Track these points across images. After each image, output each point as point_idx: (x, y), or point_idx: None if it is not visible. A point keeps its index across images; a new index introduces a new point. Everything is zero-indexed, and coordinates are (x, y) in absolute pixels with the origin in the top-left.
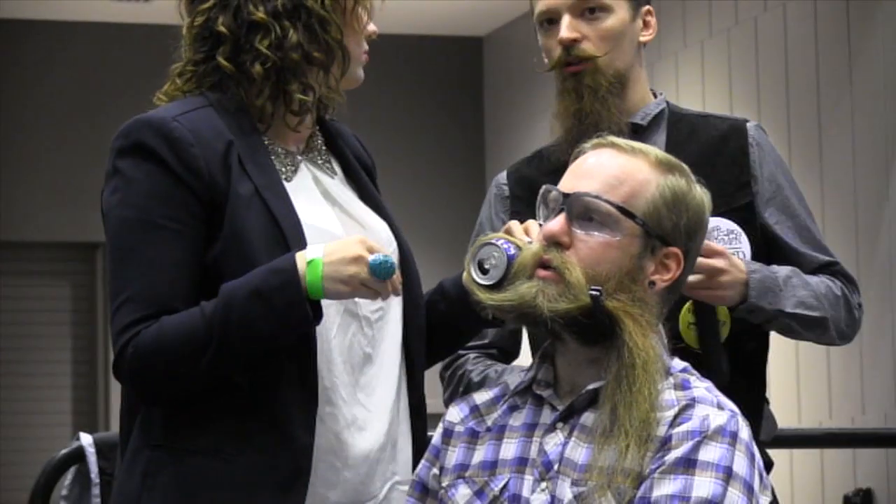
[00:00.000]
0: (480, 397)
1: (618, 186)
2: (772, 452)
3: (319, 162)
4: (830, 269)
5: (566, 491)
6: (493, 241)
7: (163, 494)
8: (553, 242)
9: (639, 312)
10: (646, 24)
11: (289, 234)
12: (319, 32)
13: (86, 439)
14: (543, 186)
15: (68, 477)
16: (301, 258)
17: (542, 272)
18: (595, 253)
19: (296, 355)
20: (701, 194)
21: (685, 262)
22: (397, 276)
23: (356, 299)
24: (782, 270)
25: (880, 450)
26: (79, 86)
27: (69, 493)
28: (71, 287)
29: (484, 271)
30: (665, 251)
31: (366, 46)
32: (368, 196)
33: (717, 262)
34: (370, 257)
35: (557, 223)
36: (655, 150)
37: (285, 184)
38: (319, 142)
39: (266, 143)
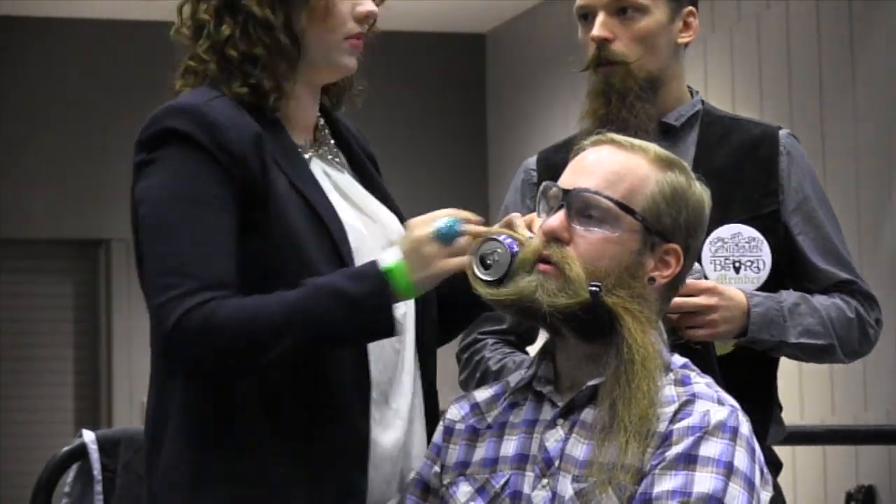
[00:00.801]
0: (481, 395)
1: (617, 183)
2: (774, 449)
3: (329, 157)
4: (849, 287)
5: (567, 487)
6: (495, 236)
7: (207, 488)
8: (553, 238)
9: (638, 309)
10: (686, 26)
11: (332, 229)
12: (252, 30)
13: (88, 436)
14: (543, 183)
15: (70, 474)
16: (382, 266)
17: (542, 266)
18: (595, 249)
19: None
20: (700, 191)
21: (685, 259)
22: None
23: None
24: (790, 298)
25: (883, 447)
26: (83, 83)
27: (71, 490)
28: (73, 284)
29: (486, 266)
30: (665, 247)
31: (354, 29)
32: (376, 188)
33: (705, 300)
34: (433, 227)
35: (557, 219)
36: (655, 147)
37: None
38: (327, 134)
39: (290, 135)
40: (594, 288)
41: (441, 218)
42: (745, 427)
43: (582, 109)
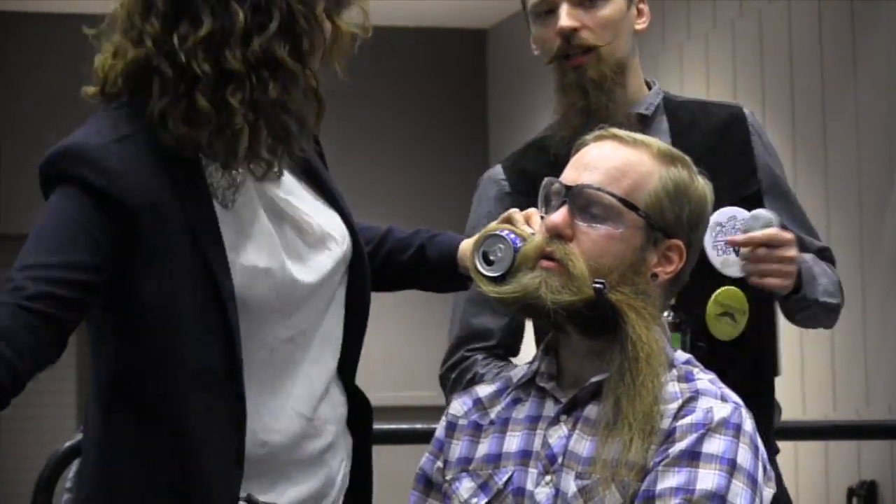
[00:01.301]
0: (483, 390)
1: (620, 179)
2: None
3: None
4: (825, 254)
5: (570, 484)
6: (498, 232)
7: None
8: (556, 235)
9: (642, 305)
10: (640, 12)
11: (220, 278)
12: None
13: None
14: (545, 179)
15: (72, 470)
16: None
17: (545, 263)
18: (598, 245)
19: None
20: (703, 186)
21: (687, 254)
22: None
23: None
24: (807, 257)
25: (885, 442)
26: (79, 79)
27: (73, 485)
28: None
29: (489, 263)
30: (667, 243)
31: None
32: (322, 190)
33: (791, 252)
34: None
35: (560, 216)
36: (657, 142)
37: (223, 213)
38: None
39: (203, 161)
40: (598, 285)
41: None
42: (748, 424)
43: (555, 105)
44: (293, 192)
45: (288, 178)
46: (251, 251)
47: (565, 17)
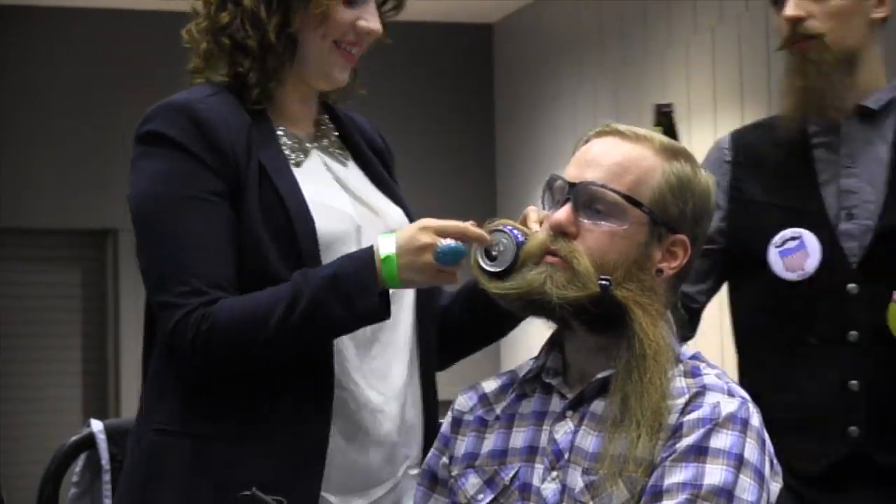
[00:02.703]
0: (489, 385)
1: (623, 175)
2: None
3: (331, 150)
4: None
5: (577, 480)
6: (500, 227)
7: (170, 480)
8: (559, 232)
9: (648, 301)
10: (880, 1)
11: (293, 212)
12: (247, 23)
13: (96, 426)
14: (550, 175)
15: (79, 464)
16: (376, 251)
17: (549, 258)
18: (602, 242)
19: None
20: (706, 179)
21: (692, 249)
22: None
23: None
24: None
25: None
26: (89, 72)
27: (80, 479)
28: (81, 273)
29: (491, 258)
30: (672, 238)
31: (349, 39)
32: (382, 183)
33: None
34: (438, 245)
35: (564, 213)
36: (660, 137)
37: (293, 168)
38: (330, 128)
39: (275, 127)
40: (604, 282)
41: (449, 240)
42: (755, 419)
43: (781, 88)
44: (357, 178)
45: (351, 169)
46: (322, 194)
47: (791, 6)
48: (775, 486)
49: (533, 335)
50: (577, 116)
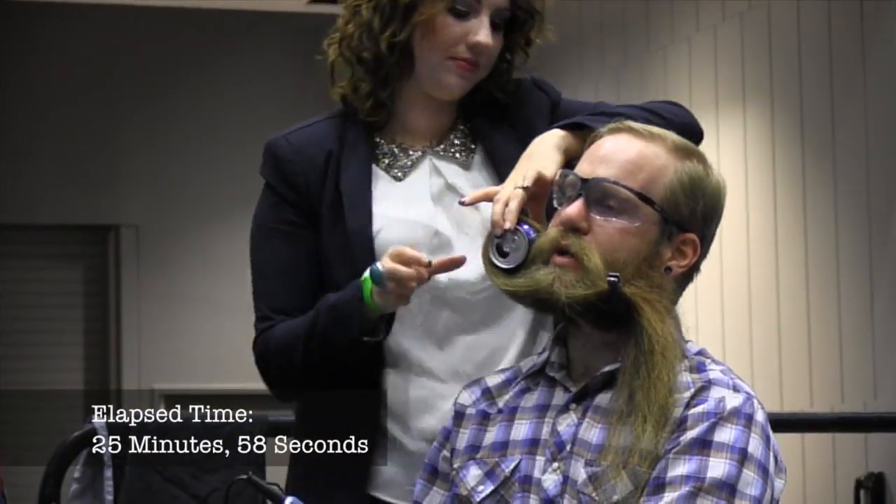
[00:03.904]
0: (492, 380)
1: (636, 172)
2: (783, 436)
3: (450, 153)
4: None
5: (580, 471)
6: None
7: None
8: (571, 228)
9: (656, 298)
10: None
11: (355, 244)
12: (364, 33)
13: (98, 422)
14: (560, 171)
15: (80, 460)
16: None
17: (559, 259)
18: (613, 239)
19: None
20: (717, 179)
21: (701, 248)
22: (407, 273)
23: (443, 283)
24: None
25: (892, 434)
26: (92, 68)
27: (81, 475)
28: (83, 270)
29: (503, 255)
30: (682, 237)
31: (460, 53)
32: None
33: None
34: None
35: (575, 208)
36: (672, 135)
37: (392, 181)
38: (457, 133)
39: (380, 142)
40: (613, 278)
41: (384, 259)
42: (759, 414)
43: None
44: (471, 182)
45: (474, 171)
46: (406, 210)
47: None
48: (780, 483)
49: None
50: None
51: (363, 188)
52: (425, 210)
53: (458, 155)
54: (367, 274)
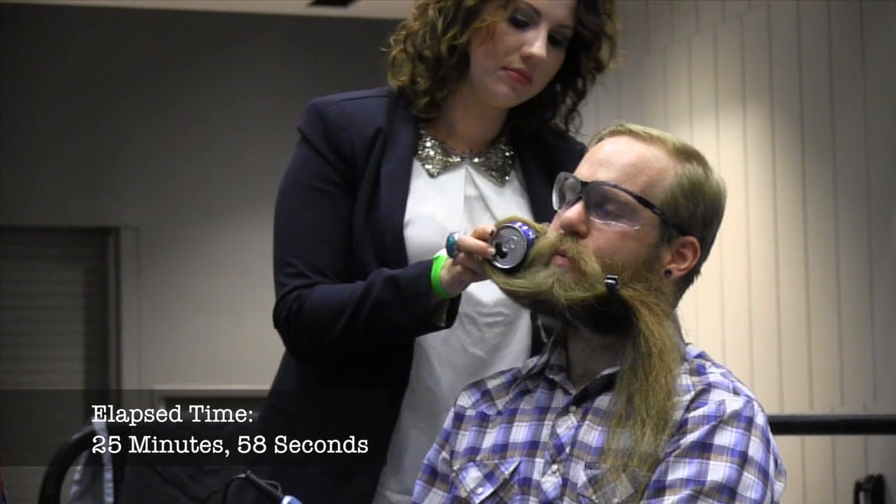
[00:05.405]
0: (491, 382)
1: (636, 175)
2: (783, 439)
3: (488, 168)
4: None
5: (580, 473)
6: (511, 223)
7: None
8: (570, 231)
9: (654, 301)
10: None
11: (384, 225)
12: (428, 33)
13: (98, 423)
14: (561, 174)
15: (81, 461)
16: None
17: (559, 259)
18: (612, 242)
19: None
20: (718, 182)
21: (701, 251)
22: (476, 245)
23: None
24: None
25: (892, 436)
26: (92, 70)
27: (81, 477)
28: (84, 271)
29: (502, 255)
30: (682, 240)
31: (513, 63)
32: (540, 208)
33: None
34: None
35: (575, 211)
36: (672, 138)
37: (426, 177)
38: (501, 149)
39: (424, 135)
40: (611, 281)
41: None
42: (760, 417)
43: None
44: (504, 201)
45: (508, 192)
46: (433, 205)
47: None
48: (780, 486)
49: None
50: (586, 107)
51: (403, 176)
52: (454, 216)
53: (493, 173)
54: (438, 254)
